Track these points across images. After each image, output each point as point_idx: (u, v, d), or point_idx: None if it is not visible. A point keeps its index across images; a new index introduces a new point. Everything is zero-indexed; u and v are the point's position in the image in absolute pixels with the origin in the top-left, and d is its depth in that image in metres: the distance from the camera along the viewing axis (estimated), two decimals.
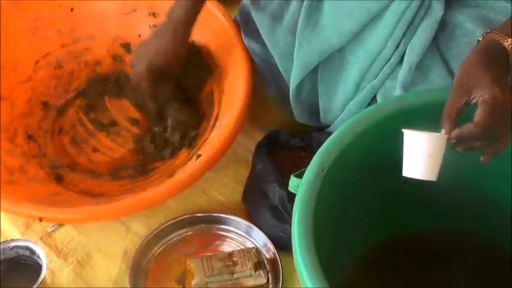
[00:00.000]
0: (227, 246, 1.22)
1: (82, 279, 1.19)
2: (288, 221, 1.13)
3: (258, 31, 1.24)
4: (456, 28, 1.09)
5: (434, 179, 0.87)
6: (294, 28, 1.18)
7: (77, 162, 1.34)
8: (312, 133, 1.28)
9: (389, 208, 1.07)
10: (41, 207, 1.17)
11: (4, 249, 1.15)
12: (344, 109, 1.19)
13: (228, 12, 1.36)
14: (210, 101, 1.36)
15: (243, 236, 1.22)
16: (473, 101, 0.86)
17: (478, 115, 0.84)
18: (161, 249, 1.22)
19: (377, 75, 1.14)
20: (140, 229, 1.25)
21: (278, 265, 1.16)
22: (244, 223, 1.22)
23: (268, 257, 1.18)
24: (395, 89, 1.11)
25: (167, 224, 1.23)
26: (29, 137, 1.35)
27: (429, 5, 1.09)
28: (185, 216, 1.24)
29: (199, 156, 1.21)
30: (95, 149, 1.37)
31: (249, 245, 1.21)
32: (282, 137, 1.29)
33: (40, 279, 1.10)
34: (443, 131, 0.86)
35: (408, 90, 1.09)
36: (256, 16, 1.24)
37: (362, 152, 0.98)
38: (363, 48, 1.14)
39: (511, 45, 0.88)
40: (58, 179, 1.29)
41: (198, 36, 1.34)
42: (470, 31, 1.07)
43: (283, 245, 1.16)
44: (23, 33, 1.43)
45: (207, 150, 1.22)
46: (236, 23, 1.34)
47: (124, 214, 1.23)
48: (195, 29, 1.27)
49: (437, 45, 1.10)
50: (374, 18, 1.11)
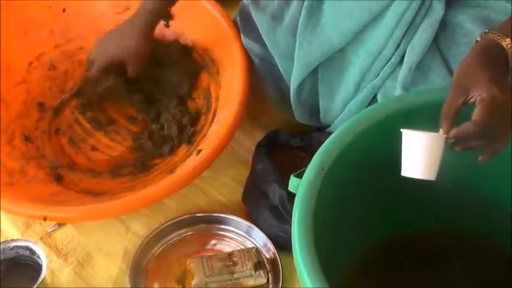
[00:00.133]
0: (227, 246, 1.22)
1: (82, 279, 1.19)
2: (288, 221, 1.13)
3: (258, 31, 1.24)
4: (457, 28, 1.09)
5: (433, 178, 0.87)
6: (295, 28, 1.18)
7: (76, 162, 1.34)
8: (312, 133, 1.28)
9: (389, 208, 1.07)
10: (43, 207, 1.17)
11: (4, 249, 1.15)
12: (344, 109, 1.19)
13: (224, 9, 1.36)
14: (207, 96, 1.37)
15: (243, 236, 1.22)
16: (471, 100, 0.85)
17: (475, 114, 0.84)
18: (161, 249, 1.22)
19: (377, 75, 1.14)
20: (140, 229, 1.25)
21: (278, 265, 1.16)
22: (244, 223, 1.22)
23: (268, 257, 1.18)
24: (396, 88, 1.11)
25: (167, 224, 1.23)
26: (27, 139, 1.35)
27: (430, 5, 1.09)
28: (186, 216, 1.24)
29: (200, 152, 1.21)
30: (94, 148, 1.37)
31: (249, 245, 1.21)
32: (282, 137, 1.29)
33: (40, 279, 1.10)
34: (442, 130, 0.86)
35: (409, 90, 1.09)
36: (256, 16, 1.24)
37: (362, 151, 0.98)
38: (364, 48, 1.14)
39: (509, 45, 0.88)
40: (58, 179, 1.29)
41: (194, 34, 1.34)
42: (470, 31, 1.07)
43: (283, 245, 1.16)
44: (15, 35, 1.42)
45: (206, 146, 1.22)
46: (234, 22, 1.34)
47: (127, 211, 1.23)
48: (191, 27, 1.27)
49: (437, 45, 1.10)
50: (375, 18, 1.11)
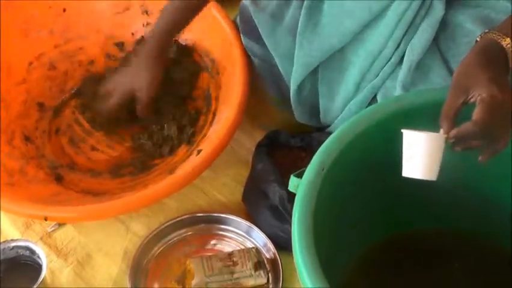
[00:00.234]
0: (227, 246, 1.22)
1: (82, 279, 1.19)
2: (288, 220, 1.13)
3: (258, 32, 1.24)
4: (457, 28, 1.09)
5: (434, 178, 0.87)
6: (295, 28, 1.18)
7: (76, 162, 1.34)
8: (312, 133, 1.28)
9: (389, 208, 1.07)
10: (43, 207, 1.17)
11: (4, 249, 1.15)
12: (344, 109, 1.19)
13: (224, 10, 1.36)
14: (207, 97, 1.37)
15: (243, 236, 1.22)
16: (471, 100, 0.85)
17: (475, 114, 0.83)
18: (161, 249, 1.22)
19: (377, 75, 1.14)
20: (140, 229, 1.25)
21: (278, 265, 1.16)
22: (244, 223, 1.22)
23: (268, 256, 1.18)
24: (395, 88, 1.11)
25: (167, 224, 1.23)
26: (27, 139, 1.35)
27: (430, 5, 1.09)
28: (186, 216, 1.24)
29: (200, 152, 1.21)
30: (94, 148, 1.37)
31: (249, 245, 1.21)
32: (282, 137, 1.29)
33: (40, 279, 1.10)
34: (442, 130, 0.86)
35: (409, 90, 1.09)
36: (256, 16, 1.24)
37: (362, 151, 0.98)
38: (364, 48, 1.14)
39: (509, 45, 0.88)
40: (58, 179, 1.29)
41: (194, 34, 1.34)
42: (470, 31, 1.07)
43: (283, 244, 1.16)
44: (15, 35, 1.42)
45: (206, 146, 1.22)
46: (234, 23, 1.34)
47: (127, 211, 1.23)
48: (191, 27, 1.27)
49: (437, 45, 1.10)
50: (375, 18, 1.12)
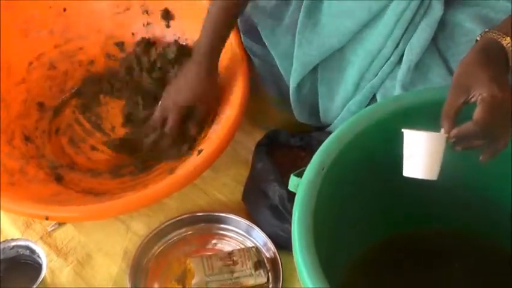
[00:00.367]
0: (227, 246, 1.22)
1: (82, 279, 1.19)
2: (288, 220, 1.13)
3: (258, 31, 1.24)
4: (456, 27, 1.09)
5: (435, 178, 0.87)
6: (294, 28, 1.18)
7: (76, 162, 1.34)
8: (311, 132, 1.28)
9: (389, 208, 1.07)
10: (43, 206, 1.17)
11: (4, 248, 1.15)
12: (344, 108, 1.19)
13: None
14: None
15: (243, 235, 1.22)
16: (472, 99, 0.85)
17: (476, 113, 0.83)
18: (161, 248, 1.22)
19: (376, 75, 1.14)
20: (140, 228, 1.25)
21: (278, 264, 1.16)
22: (244, 222, 1.22)
23: (268, 256, 1.18)
24: (395, 88, 1.11)
25: (167, 223, 1.23)
26: (27, 138, 1.35)
27: (429, 5, 1.09)
28: (186, 215, 1.24)
29: (201, 151, 1.21)
30: (94, 148, 1.37)
31: (249, 244, 1.21)
32: (282, 137, 1.29)
33: (40, 279, 1.10)
34: (443, 130, 0.86)
35: (408, 89, 1.09)
36: (255, 16, 1.24)
37: (362, 151, 0.98)
38: (363, 48, 1.14)
39: (509, 44, 0.88)
40: (58, 179, 1.29)
41: (194, 34, 1.34)
42: (470, 30, 1.07)
43: (283, 244, 1.16)
44: (15, 35, 1.42)
45: (207, 146, 1.22)
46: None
47: (127, 211, 1.23)
48: (191, 27, 1.27)
49: (436, 44, 1.10)
50: (374, 18, 1.11)
